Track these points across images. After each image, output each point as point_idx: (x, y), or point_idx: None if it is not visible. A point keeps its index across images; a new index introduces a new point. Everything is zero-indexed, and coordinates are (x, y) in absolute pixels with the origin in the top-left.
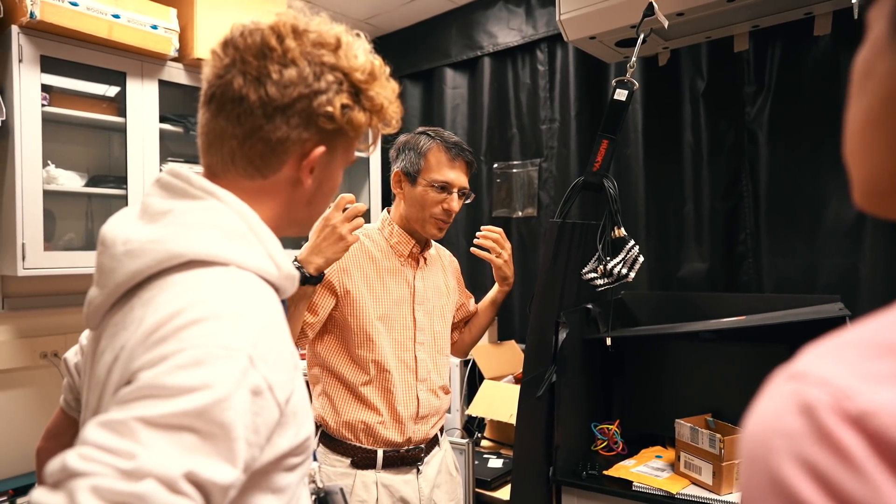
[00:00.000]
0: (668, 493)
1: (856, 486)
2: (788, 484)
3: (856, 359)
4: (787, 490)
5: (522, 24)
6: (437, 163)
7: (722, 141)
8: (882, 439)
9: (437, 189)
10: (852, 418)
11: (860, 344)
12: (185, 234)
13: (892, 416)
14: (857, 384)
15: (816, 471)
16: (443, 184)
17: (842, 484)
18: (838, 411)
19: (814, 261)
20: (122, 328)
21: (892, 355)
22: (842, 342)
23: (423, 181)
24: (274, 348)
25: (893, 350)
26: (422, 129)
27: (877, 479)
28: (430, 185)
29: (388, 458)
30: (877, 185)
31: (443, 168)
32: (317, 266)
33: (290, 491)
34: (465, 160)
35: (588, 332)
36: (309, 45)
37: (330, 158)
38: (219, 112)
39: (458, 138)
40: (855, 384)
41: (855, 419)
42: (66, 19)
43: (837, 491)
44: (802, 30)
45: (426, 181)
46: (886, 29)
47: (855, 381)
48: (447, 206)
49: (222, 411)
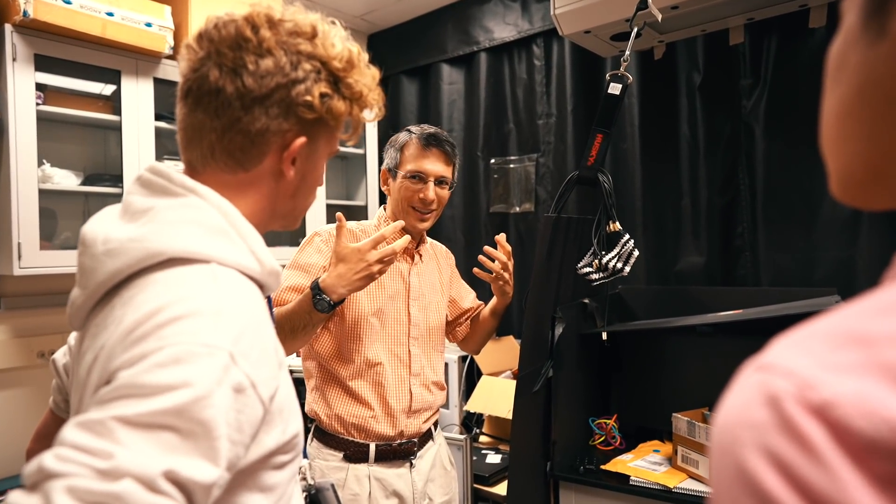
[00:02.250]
0: (665, 486)
1: (818, 476)
2: (753, 475)
3: (821, 349)
4: (752, 481)
5: (518, 19)
6: (411, 155)
7: (718, 134)
8: (843, 429)
9: (412, 179)
10: (815, 408)
11: (827, 334)
12: (165, 232)
13: (854, 406)
14: (821, 374)
15: (780, 461)
16: (415, 173)
17: (804, 474)
18: (802, 402)
19: (811, 254)
20: (103, 328)
21: (857, 345)
22: (809, 333)
23: (400, 173)
24: (256, 345)
25: (858, 340)
26: (407, 127)
27: (838, 468)
28: (405, 176)
29: (381, 451)
30: (853, 176)
31: (416, 158)
32: (339, 295)
33: (279, 489)
34: (439, 150)
35: (585, 326)
36: (285, 35)
37: (312, 149)
38: (196, 106)
39: (438, 130)
40: (819, 374)
41: (817, 409)
42: (59, 18)
43: (800, 481)
44: (798, 22)
45: (402, 173)
46: (858, 20)
47: (819, 371)
48: (422, 195)
49: (202, 409)
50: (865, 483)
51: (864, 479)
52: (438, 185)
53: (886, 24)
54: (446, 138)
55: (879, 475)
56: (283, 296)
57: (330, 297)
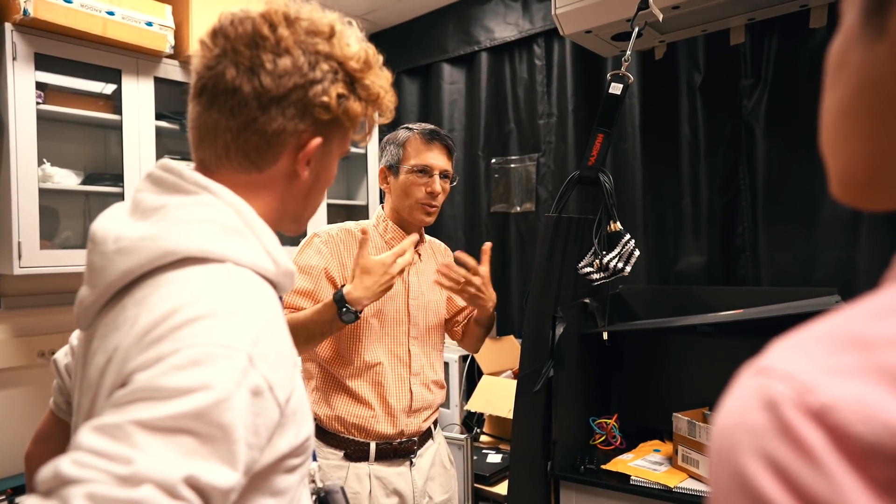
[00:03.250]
0: (665, 486)
1: (816, 480)
2: (751, 480)
3: (820, 352)
4: (750, 486)
5: (519, 19)
6: (415, 149)
7: (719, 134)
8: (842, 434)
9: (418, 173)
10: (813, 412)
11: (826, 337)
12: (179, 231)
13: (853, 410)
14: (819, 378)
15: (779, 466)
16: (422, 167)
17: (803, 479)
18: (800, 406)
19: (811, 254)
20: (115, 328)
21: (857, 348)
22: (808, 336)
23: (405, 169)
24: (274, 347)
25: (858, 343)
26: (403, 126)
27: (836, 473)
28: (410, 171)
29: (381, 450)
30: (853, 176)
31: (420, 153)
32: (363, 305)
33: (290, 493)
34: (442, 143)
35: (585, 326)
36: (302, 34)
37: (326, 150)
38: (211, 104)
39: (436, 127)
40: (818, 378)
41: (816, 413)
42: (60, 17)
43: (798, 486)
44: (798, 22)
45: (407, 168)
46: (858, 19)
47: (818, 374)
48: (430, 188)
49: (222, 412)
50: (864, 488)
51: (862, 484)
52: (442, 179)
53: (886, 24)
54: (445, 133)
55: (878, 480)
56: (291, 300)
57: (356, 307)
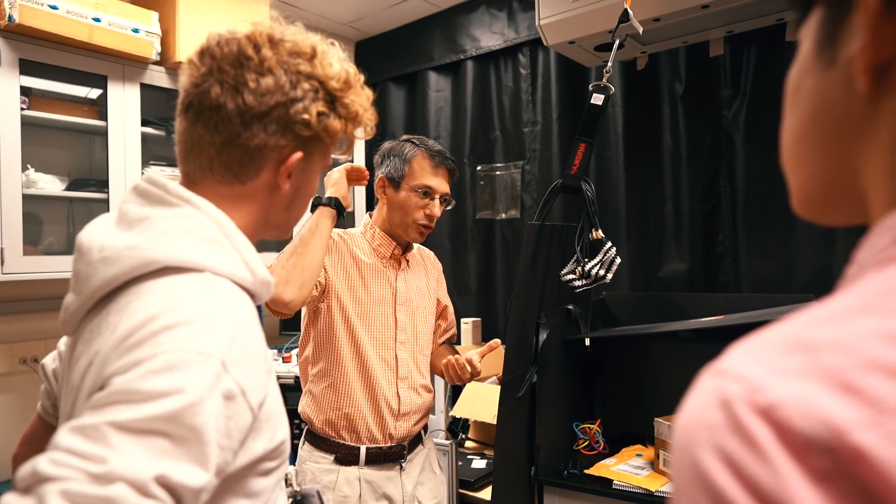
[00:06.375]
0: (647, 490)
1: (763, 473)
2: (707, 473)
3: (770, 355)
4: (706, 478)
5: (505, 28)
6: (421, 169)
7: (700, 143)
8: (786, 429)
9: (420, 194)
10: (762, 410)
11: (776, 342)
12: (161, 241)
13: (796, 407)
14: (768, 379)
15: (731, 460)
16: (426, 189)
17: (751, 472)
18: (751, 404)
19: (790, 260)
20: (98, 334)
21: (802, 352)
22: (761, 340)
23: (407, 186)
24: (248, 353)
25: (803, 347)
26: (406, 137)
27: (780, 465)
28: (413, 190)
29: (371, 454)
30: (810, 194)
31: (426, 174)
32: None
33: (265, 495)
34: (447, 168)
35: (569, 332)
36: (285, 55)
37: (307, 164)
38: (196, 120)
39: (442, 147)
40: (766, 379)
41: (764, 411)
42: (45, 23)
43: (747, 478)
44: (775, 35)
45: (409, 186)
46: (812, 49)
47: (767, 375)
48: (429, 211)
49: (194, 415)
50: (803, 477)
51: (802, 473)
52: (441, 203)
53: (836, 55)
54: (451, 157)
55: (816, 470)
56: None
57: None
